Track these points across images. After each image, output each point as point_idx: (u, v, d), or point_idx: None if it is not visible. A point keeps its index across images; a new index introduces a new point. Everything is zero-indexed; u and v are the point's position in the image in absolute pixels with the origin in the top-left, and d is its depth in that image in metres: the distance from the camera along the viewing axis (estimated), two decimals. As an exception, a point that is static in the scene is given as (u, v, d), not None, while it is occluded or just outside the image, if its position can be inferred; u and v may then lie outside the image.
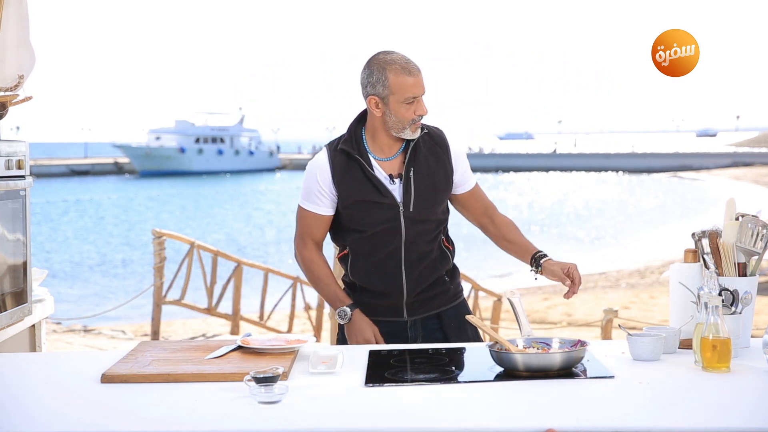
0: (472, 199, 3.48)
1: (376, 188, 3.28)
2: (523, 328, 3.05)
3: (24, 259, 3.64)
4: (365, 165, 3.29)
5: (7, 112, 3.62)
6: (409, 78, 3.20)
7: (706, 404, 2.39)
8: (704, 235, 3.06)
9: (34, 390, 2.61)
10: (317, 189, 3.34)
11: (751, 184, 50.19)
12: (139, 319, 13.31)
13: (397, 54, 3.24)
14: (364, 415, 2.31)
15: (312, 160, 3.39)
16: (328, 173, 3.32)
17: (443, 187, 3.37)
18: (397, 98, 3.22)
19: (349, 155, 3.31)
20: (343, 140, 3.35)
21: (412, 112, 3.23)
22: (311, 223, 3.38)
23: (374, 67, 3.24)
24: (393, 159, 3.33)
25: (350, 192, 3.30)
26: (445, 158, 3.37)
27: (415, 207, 3.30)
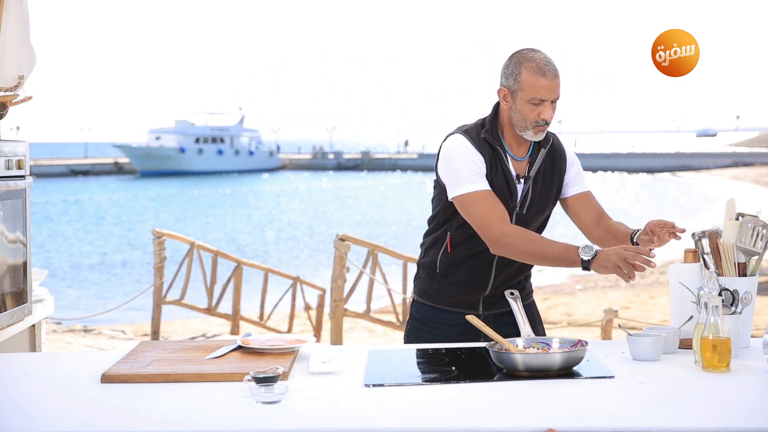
0: (584, 203, 3.41)
1: (508, 185, 3.26)
2: (522, 329, 3.06)
3: (24, 259, 3.64)
4: (504, 159, 3.27)
5: (7, 112, 3.62)
6: (541, 79, 3.14)
7: (706, 404, 2.39)
8: (704, 235, 3.06)
9: (34, 390, 2.61)
10: (476, 167, 3.21)
11: (751, 184, 50.19)
12: (139, 319, 13.31)
13: (540, 54, 3.18)
14: (364, 415, 2.31)
15: (454, 147, 3.25)
16: (478, 154, 3.23)
17: (555, 194, 3.37)
18: (524, 96, 3.17)
19: (492, 146, 3.26)
20: (484, 130, 3.26)
21: (536, 114, 3.17)
22: (493, 201, 3.18)
23: (513, 59, 3.20)
24: (522, 160, 3.31)
25: (492, 180, 3.23)
26: (561, 163, 3.37)
27: (528, 210, 3.30)
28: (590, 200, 3.42)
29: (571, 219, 3.46)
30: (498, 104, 3.31)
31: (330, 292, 8.85)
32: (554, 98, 3.18)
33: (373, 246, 9.18)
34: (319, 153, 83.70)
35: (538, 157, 3.30)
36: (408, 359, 2.95)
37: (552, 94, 3.16)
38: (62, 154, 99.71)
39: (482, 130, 3.28)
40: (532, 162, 3.31)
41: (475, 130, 3.29)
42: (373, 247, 9.16)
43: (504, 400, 2.44)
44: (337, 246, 8.58)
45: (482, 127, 3.30)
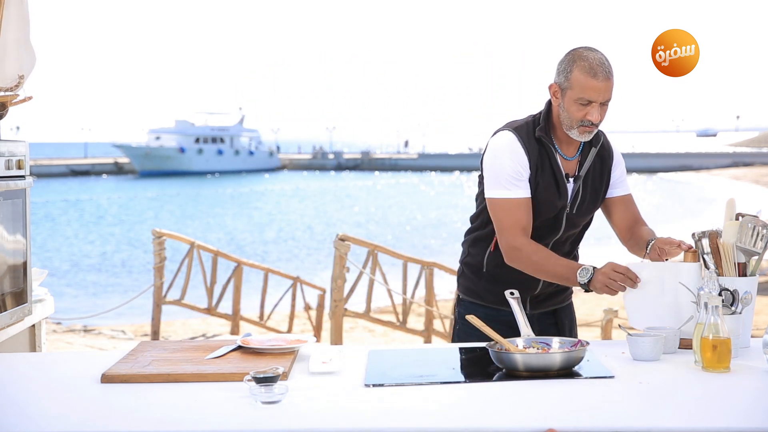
0: (621, 206, 3.40)
1: (557, 185, 3.25)
2: (522, 329, 3.05)
3: (24, 259, 3.64)
4: (554, 157, 3.25)
5: (7, 112, 3.62)
6: (591, 80, 3.09)
7: (706, 404, 2.39)
8: (704, 235, 3.06)
9: (34, 390, 2.61)
10: (517, 172, 3.20)
11: (751, 184, 50.20)
12: (139, 319, 13.30)
13: (595, 54, 3.13)
14: (364, 415, 2.31)
15: (501, 146, 3.23)
16: (525, 156, 3.21)
17: (603, 194, 3.37)
18: (572, 94, 3.13)
19: (544, 145, 3.24)
20: (539, 128, 3.24)
21: (583, 114, 3.13)
22: (521, 211, 3.19)
23: (568, 57, 3.17)
24: (572, 159, 3.29)
25: (539, 183, 3.22)
26: (609, 163, 3.36)
27: (578, 210, 3.30)
28: (628, 204, 3.41)
29: (606, 219, 3.46)
30: (550, 101, 3.28)
31: (330, 292, 8.85)
32: (604, 100, 3.13)
33: (373, 246, 9.18)
34: (319, 153, 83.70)
35: (589, 156, 3.28)
36: (408, 359, 2.95)
37: (601, 96, 3.11)
38: (62, 154, 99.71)
39: (536, 128, 3.24)
40: (583, 161, 3.29)
41: (525, 128, 3.26)
42: (373, 247, 9.16)
43: (504, 400, 2.44)
44: (337, 246, 8.58)
45: (535, 124, 3.26)
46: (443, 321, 10.03)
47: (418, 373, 2.74)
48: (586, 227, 3.44)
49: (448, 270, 10.02)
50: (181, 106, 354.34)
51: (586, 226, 3.43)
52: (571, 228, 3.34)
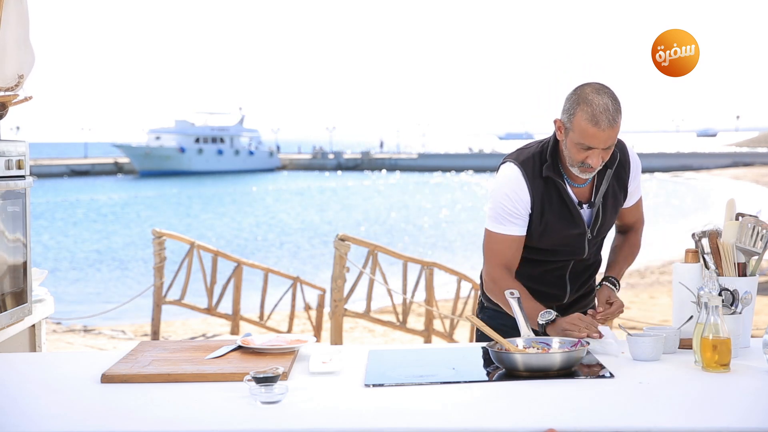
0: (628, 213, 3.41)
1: (570, 215, 3.21)
2: (523, 329, 3.05)
3: (24, 259, 3.64)
4: (564, 189, 3.20)
5: (7, 112, 3.62)
6: (593, 128, 2.99)
7: (706, 404, 2.39)
8: (704, 235, 3.06)
9: (34, 390, 2.61)
10: (514, 210, 3.19)
11: (751, 184, 50.20)
12: (139, 319, 13.30)
13: (601, 98, 3.01)
14: (364, 415, 2.31)
15: (503, 180, 3.21)
16: (527, 193, 3.18)
17: (621, 205, 3.35)
18: (574, 137, 3.05)
19: (549, 179, 3.19)
20: (546, 165, 3.17)
21: (583, 157, 3.06)
22: (508, 248, 3.22)
23: (574, 96, 3.07)
24: (584, 186, 3.23)
25: (546, 216, 3.20)
26: (625, 177, 3.30)
27: (598, 231, 3.28)
28: (633, 210, 3.40)
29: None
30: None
31: (330, 292, 8.85)
32: (605, 147, 3.05)
33: (373, 246, 9.18)
34: (319, 153, 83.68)
35: (604, 181, 3.22)
36: (408, 359, 2.95)
37: (602, 143, 3.03)
38: (62, 154, 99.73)
39: (543, 164, 3.18)
40: (598, 185, 3.23)
41: (532, 162, 3.20)
42: (373, 247, 9.16)
43: (504, 400, 2.44)
44: (337, 246, 8.58)
45: (542, 159, 3.20)
46: (443, 321, 10.03)
47: (418, 373, 2.74)
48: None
49: (448, 270, 10.02)
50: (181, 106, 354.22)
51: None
52: (594, 246, 3.34)
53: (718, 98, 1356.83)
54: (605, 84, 3.09)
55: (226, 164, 72.70)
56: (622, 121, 3.07)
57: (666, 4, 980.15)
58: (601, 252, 3.45)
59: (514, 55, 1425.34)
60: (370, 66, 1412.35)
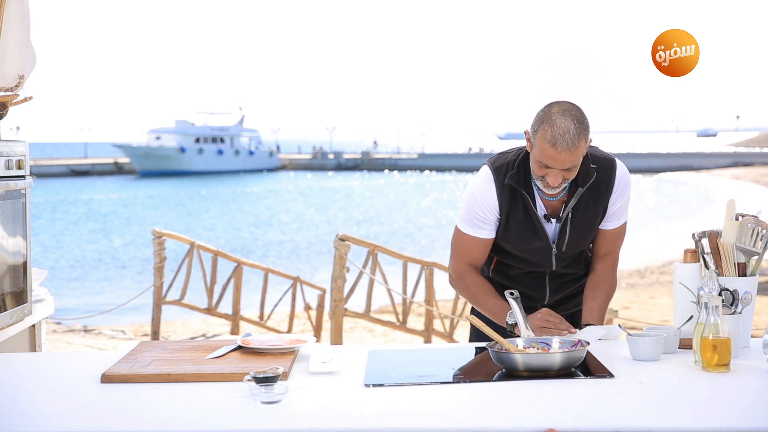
0: (604, 236, 3.31)
1: (533, 228, 3.19)
2: (522, 329, 3.05)
3: (24, 259, 3.64)
4: (529, 202, 3.18)
5: (7, 112, 3.62)
6: (549, 149, 2.97)
7: (706, 404, 2.39)
8: (704, 235, 3.06)
9: (34, 390, 2.61)
10: (482, 214, 3.21)
11: (751, 184, 50.21)
12: (139, 319, 13.30)
13: (564, 120, 2.97)
14: (364, 415, 2.31)
15: (476, 184, 3.24)
16: (495, 199, 3.19)
17: (597, 225, 3.27)
18: (535, 153, 3.04)
19: (515, 190, 3.17)
20: (510, 174, 3.17)
21: (543, 173, 3.05)
22: (474, 249, 3.26)
23: (541, 113, 3.04)
24: (556, 200, 3.18)
25: (510, 227, 3.20)
26: (605, 195, 3.22)
27: (567, 248, 3.24)
28: (610, 236, 3.31)
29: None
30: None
31: (330, 292, 8.85)
32: (563, 168, 3.01)
33: (373, 246, 9.18)
34: (319, 153, 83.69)
35: (574, 197, 3.17)
36: (408, 359, 2.95)
37: (560, 165, 2.99)
38: (62, 154, 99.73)
39: (509, 173, 3.17)
40: (569, 201, 3.18)
41: (504, 169, 3.20)
42: (373, 247, 9.16)
43: (504, 400, 2.44)
44: (337, 246, 8.58)
45: (512, 167, 3.18)
46: (443, 321, 10.03)
47: (418, 373, 2.74)
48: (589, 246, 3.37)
49: (448, 270, 10.01)
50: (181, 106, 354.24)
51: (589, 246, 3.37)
52: (564, 261, 3.28)
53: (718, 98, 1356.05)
54: (575, 105, 3.04)
55: (226, 164, 72.70)
56: (590, 140, 3.04)
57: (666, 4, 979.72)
58: (588, 258, 3.39)
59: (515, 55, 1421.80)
60: (369, 66, 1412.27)
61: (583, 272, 3.38)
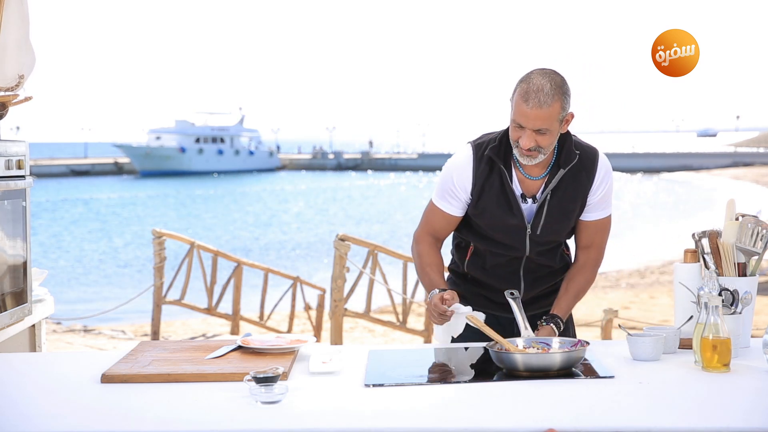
0: (586, 228, 3.27)
1: (508, 204, 3.16)
2: (522, 329, 3.05)
3: (24, 259, 3.64)
4: (506, 176, 3.14)
5: (7, 112, 3.62)
6: (522, 104, 2.97)
7: (706, 404, 2.39)
8: (704, 235, 3.06)
9: (34, 390, 2.61)
10: (453, 190, 3.20)
11: (751, 184, 50.22)
12: (139, 319, 13.30)
13: (542, 79, 2.98)
14: (364, 415, 2.31)
15: (454, 158, 3.24)
16: (469, 177, 3.17)
17: (576, 214, 3.23)
18: (512, 114, 3.04)
19: (494, 163, 3.16)
20: (491, 146, 3.15)
21: (516, 136, 3.03)
22: (438, 221, 3.28)
23: (523, 75, 3.04)
24: (537, 179, 3.16)
25: (484, 201, 3.17)
26: (586, 183, 3.18)
27: (542, 231, 3.20)
28: (595, 230, 3.27)
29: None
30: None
31: (330, 292, 8.85)
32: (535, 128, 2.98)
33: (373, 246, 9.18)
34: (319, 153, 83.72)
35: (555, 179, 3.14)
36: (408, 359, 2.95)
37: (530, 123, 2.97)
38: (62, 154, 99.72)
39: (491, 146, 3.16)
40: (548, 183, 3.16)
41: (486, 145, 3.18)
42: (373, 247, 9.16)
43: (504, 400, 2.44)
44: (337, 246, 8.58)
45: (494, 141, 3.18)
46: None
47: (418, 373, 2.74)
48: (567, 237, 3.34)
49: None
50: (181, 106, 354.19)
51: (566, 239, 3.34)
52: (540, 246, 3.25)
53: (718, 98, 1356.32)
54: (557, 72, 3.06)
55: (226, 164, 72.73)
56: (572, 113, 3.03)
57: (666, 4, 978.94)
58: (566, 258, 3.38)
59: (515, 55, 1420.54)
60: (369, 66, 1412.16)
61: (558, 267, 3.35)
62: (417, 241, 3.35)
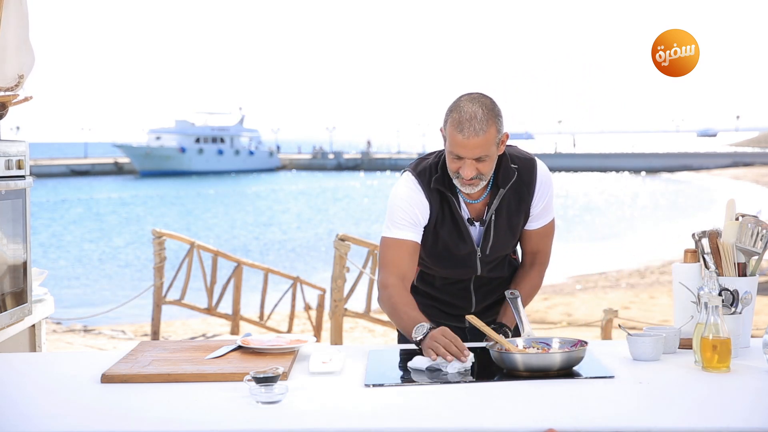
0: (532, 236, 3.28)
1: (459, 231, 3.14)
2: (524, 329, 3.06)
3: (24, 259, 3.64)
4: (455, 204, 3.12)
5: (7, 112, 3.62)
6: (457, 135, 2.93)
7: (706, 404, 2.39)
8: (704, 235, 3.06)
9: (34, 390, 2.61)
10: (410, 216, 3.11)
11: (751, 184, 50.21)
12: (139, 319, 13.30)
13: (472, 106, 2.94)
14: (364, 415, 2.31)
15: (401, 191, 3.15)
16: (426, 205, 3.12)
17: (521, 226, 3.24)
18: (447, 146, 3.00)
19: (441, 192, 3.12)
20: (434, 177, 3.10)
21: (456, 167, 2.99)
22: (401, 256, 3.12)
23: (452, 104, 3.01)
24: (478, 202, 3.14)
25: (438, 229, 3.14)
26: (527, 196, 3.17)
27: (491, 251, 3.19)
28: (536, 236, 3.27)
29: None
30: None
31: (330, 292, 8.85)
32: (474, 157, 2.94)
33: (373, 246, 9.17)
34: (319, 153, 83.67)
35: (496, 199, 3.12)
36: (408, 359, 2.94)
37: (468, 152, 2.93)
38: (62, 154, 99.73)
39: (434, 176, 3.10)
40: (491, 204, 3.13)
41: (427, 173, 3.12)
42: (373, 247, 9.15)
43: (504, 400, 2.44)
44: (337, 246, 8.58)
45: (435, 170, 3.12)
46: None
47: (418, 373, 2.74)
48: (514, 248, 3.32)
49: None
50: (181, 106, 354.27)
51: (514, 247, 3.32)
52: (489, 264, 3.24)
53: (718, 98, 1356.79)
54: (487, 95, 3.01)
55: (227, 164, 72.71)
56: (506, 134, 2.98)
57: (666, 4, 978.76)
58: (514, 263, 3.36)
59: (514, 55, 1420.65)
60: (370, 66, 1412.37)
61: (508, 275, 3.34)
62: (384, 287, 3.12)
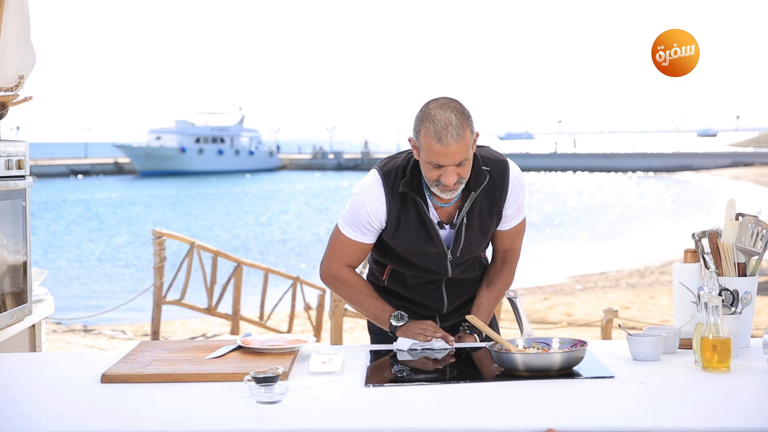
0: (503, 236, 3.28)
1: (427, 234, 3.11)
2: (524, 328, 3.06)
3: (24, 259, 3.64)
4: (422, 207, 3.09)
5: (7, 112, 3.62)
6: (436, 145, 2.90)
7: (706, 404, 2.39)
8: (704, 235, 3.06)
9: (34, 390, 2.61)
10: (368, 220, 3.13)
11: (751, 184, 50.21)
12: (139, 319, 13.31)
13: (444, 113, 2.91)
14: (364, 415, 2.31)
15: (364, 190, 3.15)
16: (383, 208, 3.11)
17: (493, 228, 3.22)
18: (424, 156, 2.96)
19: (408, 195, 3.10)
20: (403, 181, 3.08)
21: (436, 175, 2.96)
22: (352, 251, 3.19)
23: (420, 113, 2.98)
24: (450, 205, 3.12)
25: (402, 232, 3.12)
26: (499, 198, 3.16)
27: (462, 253, 3.18)
28: (508, 236, 3.28)
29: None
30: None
31: (330, 292, 8.85)
32: (455, 163, 2.93)
33: (373, 246, 9.17)
34: (319, 153, 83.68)
35: (467, 202, 3.10)
36: (408, 359, 2.95)
37: (450, 160, 2.92)
38: (62, 154, 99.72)
39: (402, 179, 3.09)
40: (462, 207, 3.11)
41: (394, 175, 3.11)
42: (373, 247, 9.15)
43: (504, 400, 2.44)
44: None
45: (403, 173, 3.10)
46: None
47: (418, 373, 2.74)
48: (485, 248, 3.32)
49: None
50: (181, 106, 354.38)
51: (485, 248, 3.32)
52: (461, 266, 3.23)
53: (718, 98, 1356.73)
54: (452, 98, 3.00)
55: (227, 164, 72.71)
56: (477, 133, 2.97)
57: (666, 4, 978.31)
58: (484, 263, 3.37)
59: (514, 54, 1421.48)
60: (369, 66, 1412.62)
61: (479, 275, 3.34)
62: (337, 277, 3.22)
